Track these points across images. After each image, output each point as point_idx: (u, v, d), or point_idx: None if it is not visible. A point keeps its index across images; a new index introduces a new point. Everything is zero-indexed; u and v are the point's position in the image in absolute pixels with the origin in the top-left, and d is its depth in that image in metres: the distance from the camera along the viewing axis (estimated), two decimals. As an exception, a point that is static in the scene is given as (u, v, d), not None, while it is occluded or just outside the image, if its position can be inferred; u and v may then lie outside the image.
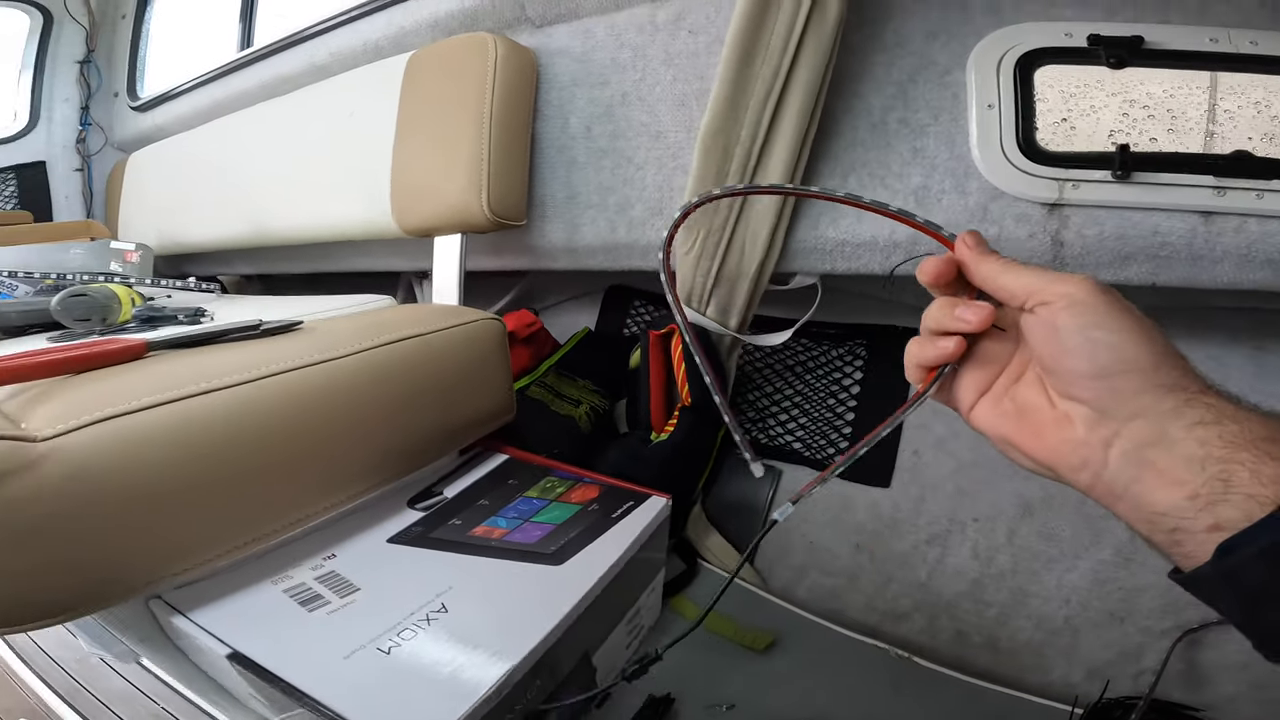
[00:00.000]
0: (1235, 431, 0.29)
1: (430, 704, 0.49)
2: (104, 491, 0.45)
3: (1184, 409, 0.31)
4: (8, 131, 1.73)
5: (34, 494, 0.42)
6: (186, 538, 0.52)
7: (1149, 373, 0.31)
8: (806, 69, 0.75)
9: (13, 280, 0.94)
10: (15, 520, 0.42)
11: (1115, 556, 0.85)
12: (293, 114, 1.25)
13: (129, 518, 0.47)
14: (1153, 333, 0.32)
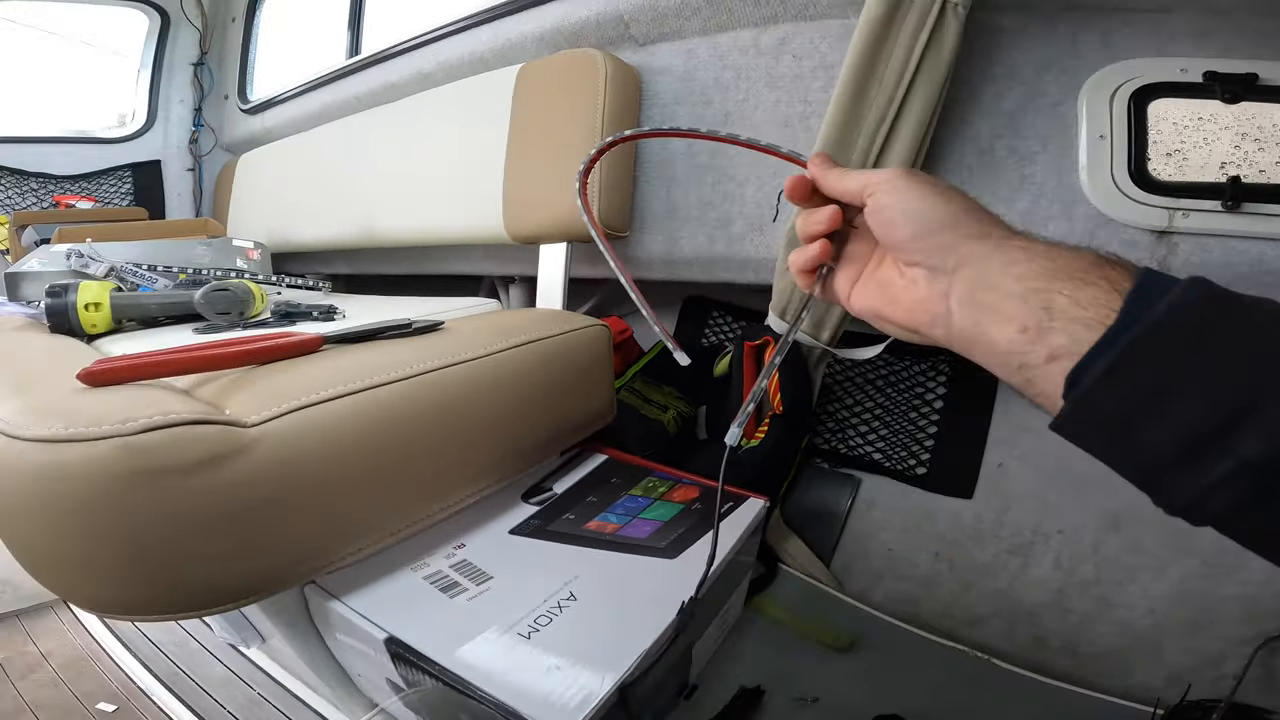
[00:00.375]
0: (1049, 266, 0.32)
1: (578, 683, 0.53)
2: (299, 477, 0.50)
3: (996, 253, 0.34)
4: (127, 130, 1.84)
5: (244, 477, 0.46)
6: (356, 524, 0.57)
7: (958, 226, 0.36)
8: (920, 99, 0.77)
9: (151, 274, 1.02)
10: (226, 503, 0.46)
11: (1201, 567, 0.85)
12: (404, 120, 1.31)
13: (316, 503, 0.52)
14: (954, 195, 0.37)
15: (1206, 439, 0.27)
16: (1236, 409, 0.26)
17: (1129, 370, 0.28)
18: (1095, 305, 0.30)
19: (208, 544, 0.46)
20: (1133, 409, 0.29)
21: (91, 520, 0.41)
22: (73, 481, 0.40)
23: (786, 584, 0.99)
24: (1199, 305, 0.28)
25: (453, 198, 1.16)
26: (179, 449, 0.42)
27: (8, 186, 1.63)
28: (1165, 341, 0.28)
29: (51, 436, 0.40)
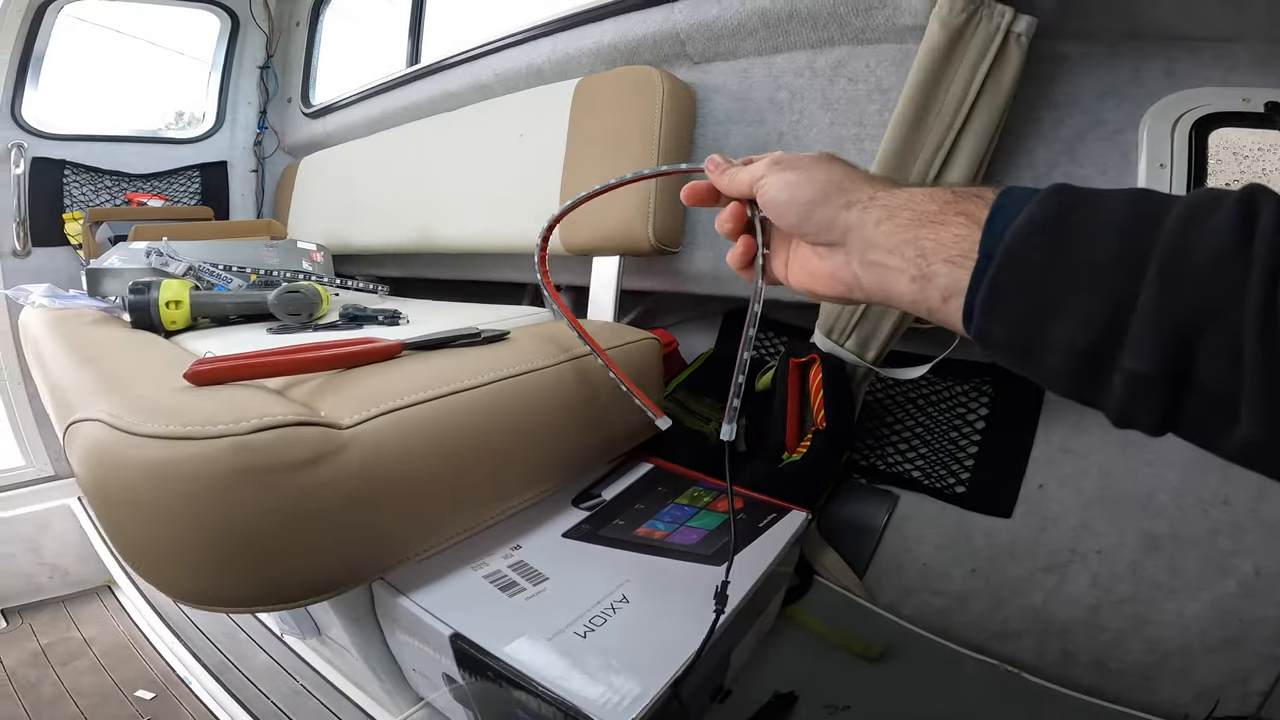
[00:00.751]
0: (908, 217, 0.34)
1: (632, 682, 0.55)
2: (384, 477, 0.53)
3: (866, 216, 0.37)
4: (197, 131, 1.92)
5: (337, 477, 0.49)
6: (428, 523, 0.60)
7: (828, 200, 0.39)
8: (978, 126, 0.78)
9: (226, 273, 1.07)
10: (321, 501, 0.49)
11: (1239, 590, 0.85)
12: (463, 129, 1.35)
13: (396, 503, 0.55)
14: (817, 173, 0.40)
15: (1095, 359, 0.27)
16: (1107, 324, 0.27)
17: (1001, 302, 0.30)
18: (958, 243, 0.32)
19: (302, 540, 0.49)
20: (1023, 338, 0.29)
21: (201, 515, 0.44)
22: (187, 477, 0.43)
23: (820, 594, 1.00)
24: (1043, 225, 0.29)
25: (509, 207, 1.19)
26: (285, 449, 0.45)
27: (83, 184, 1.71)
28: (1019, 268, 0.29)
29: (168, 434, 0.44)
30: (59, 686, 1.37)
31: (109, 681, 1.38)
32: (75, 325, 0.98)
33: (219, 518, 0.44)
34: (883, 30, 0.90)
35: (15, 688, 1.37)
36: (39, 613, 1.68)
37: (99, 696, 1.33)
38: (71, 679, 1.40)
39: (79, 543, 1.73)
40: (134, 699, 1.31)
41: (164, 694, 1.31)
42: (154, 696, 1.31)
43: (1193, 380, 0.25)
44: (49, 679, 1.40)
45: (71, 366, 0.71)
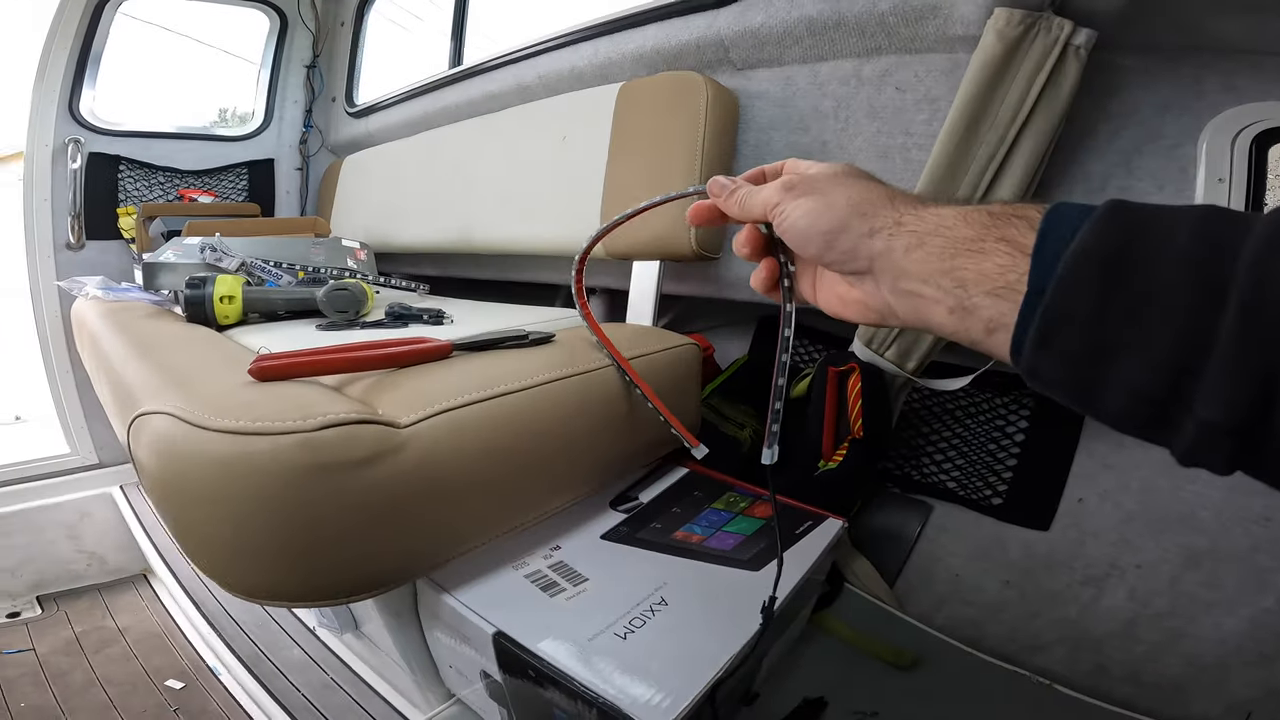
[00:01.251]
0: (941, 245, 0.32)
1: (672, 683, 0.55)
2: (438, 475, 0.54)
3: (893, 242, 0.34)
4: (246, 129, 1.96)
5: (395, 475, 0.51)
6: (476, 522, 0.61)
7: (849, 229, 0.36)
8: (1033, 138, 0.77)
9: (277, 270, 1.09)
10: (378, 498, 0.50)
11: (1277, 605, 0.84)
12: (505, 131, 1.37)
13: (448, 501, 0.56)
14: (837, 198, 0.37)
15: (1163, 405, 0.25)
16: (1177, 369, 0.24)
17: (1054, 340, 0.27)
18: (1002, 274, 0.29)
19: (359, 536, 0.50)
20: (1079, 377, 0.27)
21: (267, 509, 0.46)
22: (257, 471, 0.45)
23: (850, 602, 1.00)
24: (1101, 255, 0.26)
25: (552, 210, 1.21)
26: (348, 446, 0.47)
27: (137, 179, 1.76)
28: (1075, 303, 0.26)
29: (238, 429, 0.45)
30: (90, 674, 1.39)
31: (140, 670, 1.39)
32: (132, 318, 1.01)
33: (284, 512, 0.46)
34: (932, 40, 0.89)
35: (47, 675, 1.39)
36: (75, 600, 1.71)
37: (129, 685, 1.35)
38: (103, 667, 1.42)
39: (118, 531, 1.77)
40: (164, 688, 1.33)
41: (193, 684, 1.33)
42: (183, 686, 1.32)
43: (1273, 428, 0.23)
44: (81, 667, 1.42)
45: (133, 360, 0.73)
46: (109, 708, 1.29)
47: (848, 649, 0.88)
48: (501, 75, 1.50)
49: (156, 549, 1.54)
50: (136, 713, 1.28)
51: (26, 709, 1.28)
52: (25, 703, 1.30)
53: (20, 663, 1.43)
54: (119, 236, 1.72)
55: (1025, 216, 0.30)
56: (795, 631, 0.86)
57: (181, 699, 1.29)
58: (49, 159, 1.64)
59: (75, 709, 1.29)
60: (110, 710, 1.29)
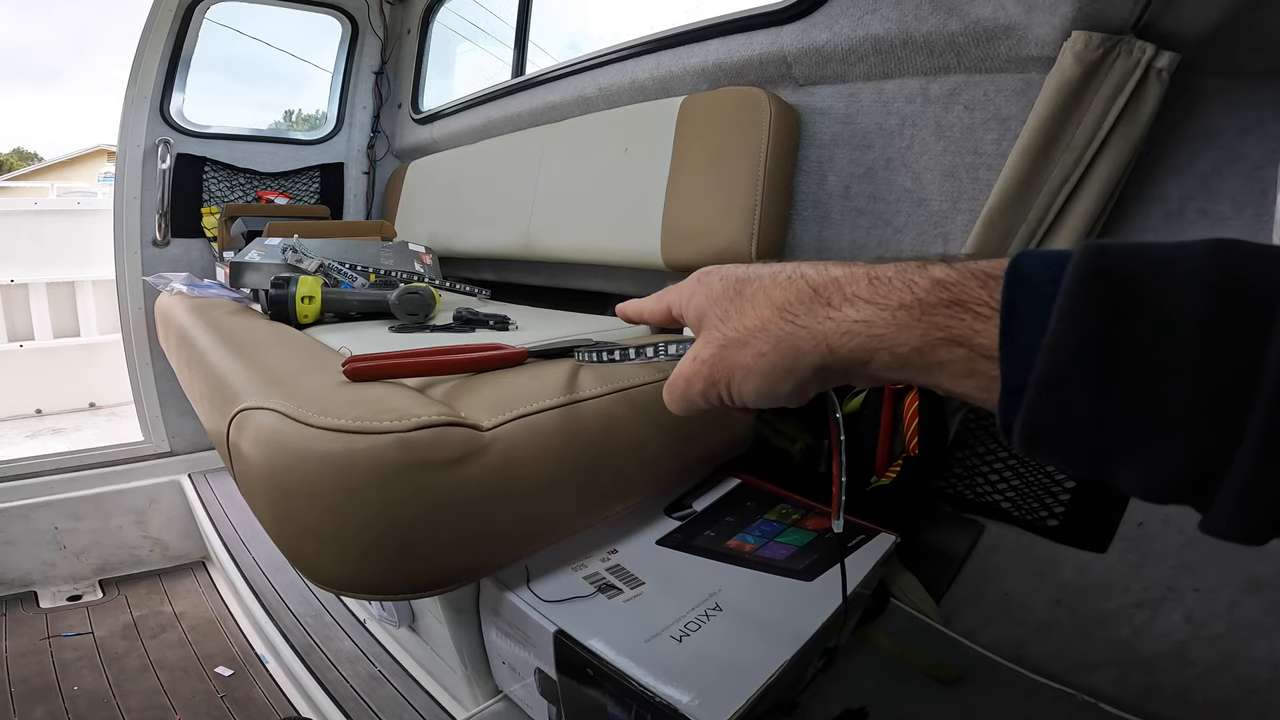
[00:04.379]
0: (888, 360, 0.28)
1: (726, 686, 0.57)
2: (518, 478, 0.57)
3: (846, 371, 0.31)
4: (319, 133, 2.05)
5: (478, 476, 0.54)
6: (546, 524, 0.63)
7: (789, 375, 0.33)
8: (1109, 161, 0.76)
9: (352, 272, 1.14)
10: (462, 498, 0.53)
11: None
12: (567, 141, 1.40)
13: (525, 504, 0.59)
14: (768, 347, 0.33)
15: (1186, 492, 0.22)
16: (1192, 477, 0.21)
17: (1044, 441, 0.23)
18: (971, 378, 0.26)
19: (443, 534, 0.53)
20: (1082, 471, 0.24)
21: (363, 503, 0.49)
22: (356, 467, 0.48)
23: (895, 616, 1.01)
24: (1085, 345, 0.22)
25: (611, 220, 1.23)
26: (439, 446, 0.50)
27: (220, 180, 1.86)
28: (1065, 409, 0.22)
29: (341, 426, 0.49)
30: (144, 659, 1.45)
31: (192, 656, 1.45)
32: (218, 315, 1.08)
33: (378, 507, 0.49)
34: (1004, 60, 0.88)
35: (103, 658, 1.45)
36: (135, 585, 1.79)
37: (181, 670, 1.41)
38: (158, 652, 1.48)
39: (183, 519, 1.85)
40: (213, 675, 1.38)
41: (241, 671, 1.39)
42: (231, 674, 1.38)
43: None
44: (136, 651, 1.48)
45: (229, 356, 0.78)
46: (159, 692, 1.35)
47: (891, 662, 0.89)
48: (563, 86, 1.53)
49: (220, 536, 1.60)
50: (185, 698, 1.33)
51: (80, 693, 1.34)
52: (79, 686, 1.36)
53: (78, 645, 1.50)
54: (202, 235, 1.81)
55: (975, 294, 0.26)
56: (841, 642, 0.86)
57: (229, 686, 1.35)
58: (140, 159, 1.74)
59: (127, 693, 1.35)
60: (160, 695, 1.35)
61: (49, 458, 1.76)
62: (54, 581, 1.75)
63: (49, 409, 2.76)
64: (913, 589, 1.05)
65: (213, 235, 1.72)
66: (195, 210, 1.78)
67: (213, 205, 1.79)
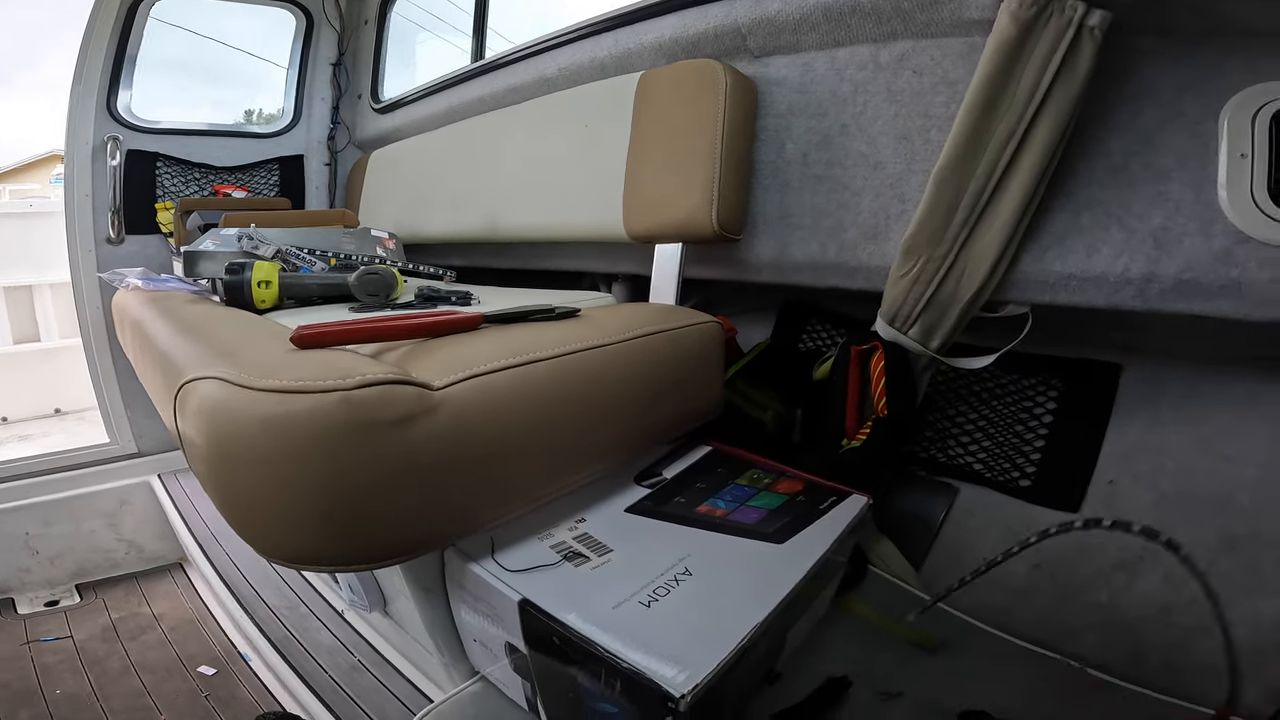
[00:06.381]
0: None
1: (695, 651, 0.56)
2: (471, 439, 0.56)
3: None
4: (276, 126, 2.02)
5: (429, 436, 0.52)
6: (506, 491, 0.63)
7: None
8: (1050, 117, 0.78)
9: (310, 257, 1.13)
10: (413, 459, 0.52)
11: None
12: (528, 122, 1.39)
13: (481, 467, 0.58)
14: None
15: None
16: None
17: None
18: None
19: (396, 498, 0.52)
20: None
21: (308, 467, 0.48)
22: (299, 429, 0.47)
23: (875, 584, 1.01)
24: None
25: (573, 196, 1.23)
26: (385, 405, 0.49)
27: (174, 175, 1.83)
28: None
29: (283, 387, 0.48)
30: (125, 661, 1.44)
31: (174, 656, 1.45)
32: (174, 304, 1.05)
33: (324, 470, 0.48)
34: (948, 24, 0.89)
35: (84, 662, 1.44)
36: (113, 588, 1.77)
37: (164, 671, 1.40)
38: (138, 653, 1.47)
39: (156, 520, 1.82)
40: (196, 674, 1.38)
41: (224, 669, 1.38)
42: (215, 672, 1.38)
43: None
44: (116, 653, 1.47)
45: (178, 336, 0.77)
46: (142, 694, 1.35)
47: (872, 631, 0.88)
48: (523, 68, 1.53)
49: (193, 535, 1.59)
50: (169, 698, 1.33)
51: (62, 696, 1.33)
52: (61, 689, 1.35)
53: (58, 649, 1.49)
54: (157, 231, 1.78)
55: None
56: (819, 613, 0.87)
57: (213, 685, 1.35)
58: (89, 156, 1.71)
59: (110, 695, 1.34)
60: (144, 696, 1.34)
61: (14, 462, 1.73)
62: (30, 587, 1.74)
63: (14, 416, 2.71)
64: (891, 557, 1.06)
65: (169, 231, 1.69)
66: (149, 206, 1.75)
67: (167, 201, 1.75)
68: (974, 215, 0.85)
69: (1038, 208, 0.85)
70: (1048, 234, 0.87)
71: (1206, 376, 1.01)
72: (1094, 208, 0.84)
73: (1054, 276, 0.87)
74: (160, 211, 1.74)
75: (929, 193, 0.86)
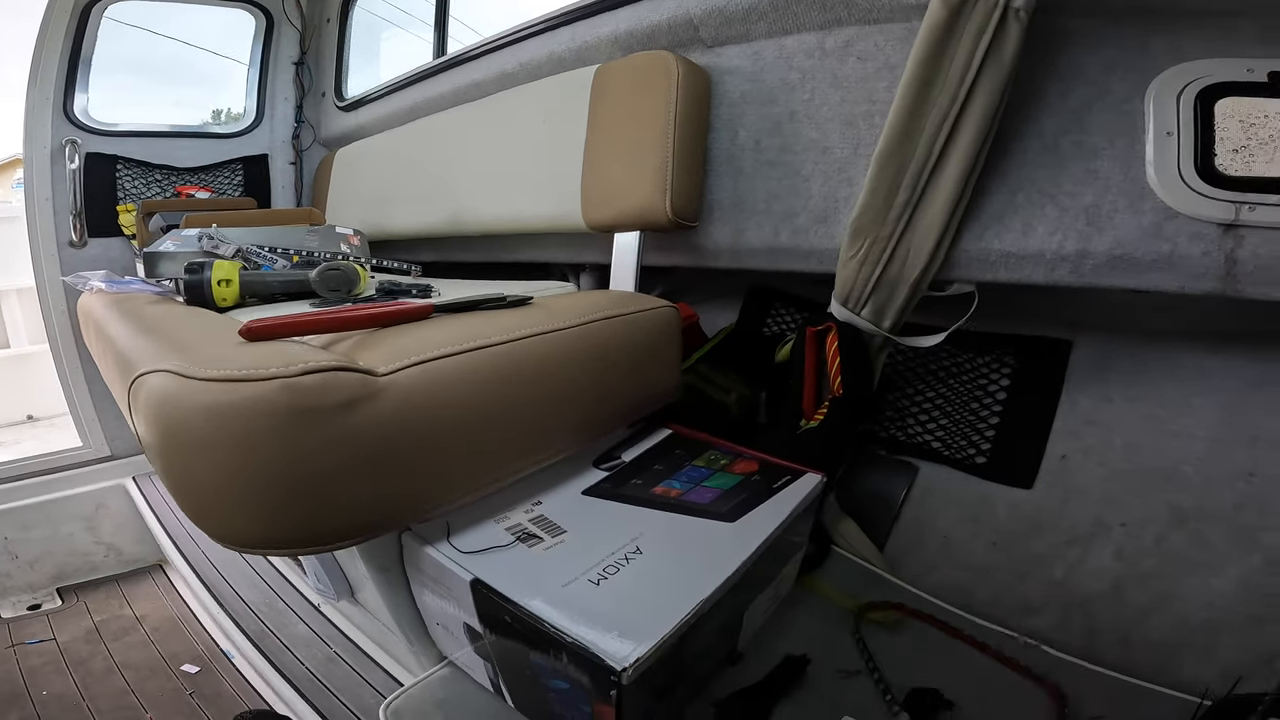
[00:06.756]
0: None
1: (640, 626, 0.58)
2: (418, 423, 0.58)
3: None
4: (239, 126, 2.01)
5: (373, 420, 0.54)
6: (457, 474, 0.64)
7: None
8: (983, 97, 0.81)
9: (272, 255, 1.13)
10: (358, 443, 0.53)
11: (1265, 565, 0.85)
12: (489, 117, 1.41)
13: (430, 450, 0.59)
14: None
15: None
16: None
17: None
18: None
19: (345, 481, 0.53)
20: None
21: (253, 453, 0.49)
22: (242, 416, 0.48)
23: (838, 565, 1.02)
24: None
25: (534, 189, 1.25)
26: (327, 391, 0.50)
27: (135, 177, 1.82)
28: None
29: (225, 376, 0.49)
30: (109, 661, 1.45)
31: (157, 656, 1.46)
32: (135, 304, 1.05)
33: (269, 455, 0.50)
34: (889, 10, 0.92)
35: (68, 663, 1.45)
36: (94, 591, 1.78)
37: (147, 670, 1.41)
38: (122, 654, 1.48)
39: (134, 523, 1.82)
40: (180, 673, 1.39)
41: (208, 667, 1.39)
42: (199, 670, 1.39)
43: None
44: (100, 654, 1.48)
45: (135, 334, 0.78)
46: (127, 693, 1.36)
47: (835, 611, 0.90)
48: (484, 64, 1.54)
49: (169, 535, 1.59)
50: (154, 697, 1.34)
51: (49, 697, 1.34)
52: (48, 690, 1.36)
53: (42, 652, 1.50)
54: (120, 233, 1.77)
55: None
56: (782, 593, 0.88)
57: (197, 682, 1.36)
58: (48, 160, 1.69)
59: (96, 695, 1.35)
60: (129, 695, 1.35)
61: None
62: (12, 592, 1.74)
63: (-15, 424, 2.67)
64: (854, 537, 1.08)
65: (132, 233, 1.68)
66: (111, 209, 1.74)
67: (129, 203, 1.74)
68: (915, 195, 0.88)
69: (976, 188, 0.87)
70: (986, 213, 0.89)
71: (1154, 351, 1.03)
72: (1028, 187, 0.87)
73: (994, 254, 0.90)
74: (122, 214, 1.73)
75: (871, 174, 0.89)
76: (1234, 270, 0.78)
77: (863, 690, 0.76)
